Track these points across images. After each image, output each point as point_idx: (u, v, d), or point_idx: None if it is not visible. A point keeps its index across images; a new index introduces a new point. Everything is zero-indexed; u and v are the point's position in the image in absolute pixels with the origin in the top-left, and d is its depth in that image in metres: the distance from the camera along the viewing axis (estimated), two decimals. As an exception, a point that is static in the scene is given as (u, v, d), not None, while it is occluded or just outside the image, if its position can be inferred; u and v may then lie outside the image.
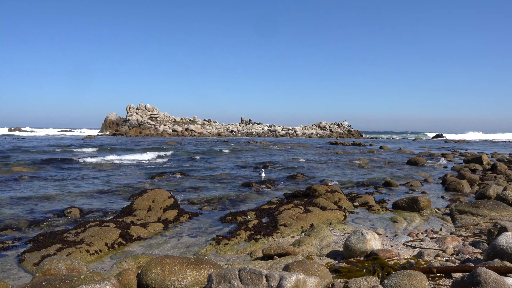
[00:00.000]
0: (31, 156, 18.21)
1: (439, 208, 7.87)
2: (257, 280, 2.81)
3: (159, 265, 3.35)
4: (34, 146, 25.67)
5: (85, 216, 7.03)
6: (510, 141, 56.85)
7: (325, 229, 6.16)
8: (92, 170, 13.54)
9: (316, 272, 3.36)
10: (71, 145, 27.13)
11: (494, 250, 3.56)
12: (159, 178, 11.84)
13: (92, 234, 5.55)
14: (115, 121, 66.81)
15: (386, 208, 7.86)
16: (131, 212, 7.05)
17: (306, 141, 46.67)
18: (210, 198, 8.82)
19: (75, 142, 33.55)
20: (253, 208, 7.80)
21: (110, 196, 8.87)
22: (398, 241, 5.37)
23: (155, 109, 69.34)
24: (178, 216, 7.04)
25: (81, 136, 48.43)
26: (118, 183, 10.73)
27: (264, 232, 5.97)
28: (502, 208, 6.97)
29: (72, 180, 10.98)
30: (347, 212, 7.40)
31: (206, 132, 63.98)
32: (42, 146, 25.62)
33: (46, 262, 4.06)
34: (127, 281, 3.39)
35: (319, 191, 8.63)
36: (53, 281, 3.20)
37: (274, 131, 68.91)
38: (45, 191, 9.12)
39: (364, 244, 4.43)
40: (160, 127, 63.65)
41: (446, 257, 4.36)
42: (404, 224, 6.66)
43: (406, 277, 3.03)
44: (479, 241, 4.92)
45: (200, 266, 3.40)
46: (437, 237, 5.46)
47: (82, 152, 21.70)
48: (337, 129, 74.20)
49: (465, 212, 7.01)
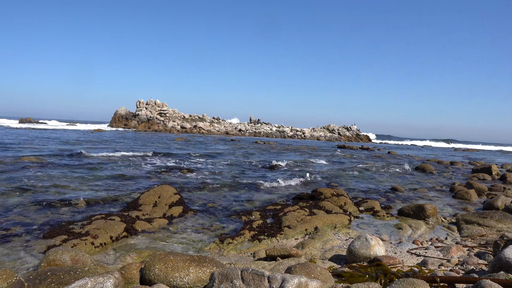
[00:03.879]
0: (46, 148, 18.37)
1: (446, 216, 7.81)
2: (259, 281, 2.81)
3: (162, 261, 3.37)
4: (54, 137, 25.91)
5: (91, 208, 7.09)
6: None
7: (329, 232, 6.15)
8: (101, 163, 13.64)
9: (319, 276, 3.35)
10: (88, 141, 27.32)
11: (500, 262, 3.52)
12: (166, 174, 11.89)
13: (98, 227, 5.59)
14: (125, 115, 67.17)
15: (392, 214, 7.82)
16: (137, 207, 7.10)
17: (314, 143, 46.55)
18: (216, 196, 8.84)
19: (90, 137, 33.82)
20: (258, 208, 7.81)
21: (117, 189, 8.93)
22: (402, 248, 5.34)
23: (164, 105, 69.60)
24: (183, 212, 7.07)
25: (89, 130, 48.67)
26: (126, 177, 10.80)
27: (268, 232, 5.97)
28: (510, 220, 6.90)
29: (80, 172, 11.07)
30: (352, 217, 7.37)
31: (214, 130, 64.08)
32: (55, 139, 25.85)
33: (52, 252, 4.10)
34: (130, 275, 3.41)
35: (325, 194, 8.60)
36: (58, 271, 3.23)
37: (282, 132, 68.79)
38: (53, 181, 9.21)
39: (368, 250, 4.42)
40: (169, 123, 63.88)
41: (450, 266, 4.32)
42: (409, 232, 6.61)
43: (409, 285, 3.01)
44: (485, 252, 4.87)
45: (203, 264, 3.41)
46: (442, 246, 5.42)
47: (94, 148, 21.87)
48: (346, 133, 73.85)
49: (472, 222, 6.94)
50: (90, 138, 29.31)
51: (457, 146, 68.82)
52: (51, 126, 56.77)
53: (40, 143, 21.48)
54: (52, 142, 22.54)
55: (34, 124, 60.21)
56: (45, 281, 3.09)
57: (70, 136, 31.50)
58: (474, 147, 71.56)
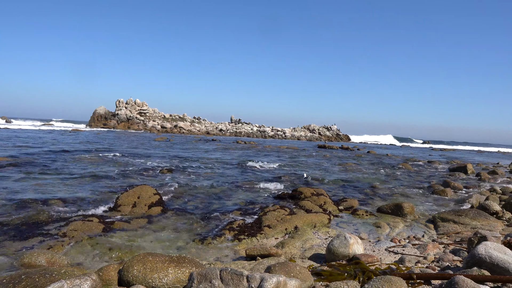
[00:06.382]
0: (27, 148, 17.94)
1: (423, 214, 7.97)
2: (238, 281, 2.82)
3: (141, 262, 3.33)
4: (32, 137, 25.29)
5: (69, 209, 6.94)
6: (495, 152, 57.76)
7: (309, 231, 6.20)
8: (80, 163, 13.40)
9: (298, 275, 3.38)
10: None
11: (473, 258, 3.62)
12: (145, 174, 11.77)
13: (75, 228, 5.49)
14: (104, 115, 66.09)
15: (371, 212, 7.93)
16: (116, 207, 7.01)
17: (295, 143, 46.80)
18: (196, 196, 8.79)
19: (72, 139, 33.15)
20: (239, 207, 7.80)
21: (95, 190, 8.78)
22: (380, 246, 5.42)
23: (144, 104, 68.82)
24: (163, 212, 7.01)
25: (67, 130, 47.60)
26: (105, 177, 10.63)
27: (248, 232, 5.97)
28: (484, 218, 7.09)
29: (57, 172, 10.84)
30: (332, 216, 7.44)
31: (195, 130, 63.72)
32: (35, 138, 25.25)
33: (27, 255, 4.01)
34: (108, 277, 3.37)
35: (305, 194, 8.66)
36: (33, 274, 3.16)
37: (263, 132, 68.93)
38: (29, 181, 8.99)
39: (347, 248, 4.47)
40: (149, 123, 63.22)
41: (426, 263, 4.41)
42: (387, 230, 6.72)
43: (386, 282, 3.07)
44: (460, 249, 4.99)
45: (182, 264, 3.39)
46: (419, 243, 5.52)
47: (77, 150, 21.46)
48: (326, 133, 74.53)
49: (448, 220, 7.11)
50: (66, 140, 28.75)
51: (434, 146, 70.21)
52: (22, 126, 51.24)
53: (10, 143, 20.96)
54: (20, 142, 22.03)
55: (7, 124, 58.54)
56: (20, 285, 3.02)
57: (45, 137, 30.82)
58: (450, 147, 73.17)
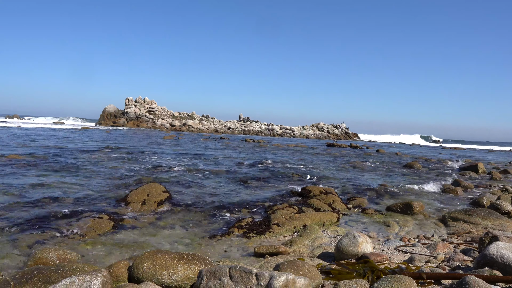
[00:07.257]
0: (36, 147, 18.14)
1: (433, 213, 7.91)
2: (247, 279, 2.83)
3: (151, 259, 3.36)
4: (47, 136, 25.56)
5: (79, 206, 7.02)
6: (507, 151, 57.04)
7: (317, 230, 6.19)
8: (89, 161, 13.52)
9: (307, 273, 3.38)
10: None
11: (485, 258, 3.59)
12: (155, 172, 11.83)
13: (86, 225, 5.55)
14: (113, 113, 66.59)
15: (380, 211, 7.89)
16: (126, 205, 7.07)
17: (303, 142, 46.71)
18: (204, 194, 8.82)
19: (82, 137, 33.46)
20: (247, 205, 7.82)
21: (105, 187, 8.86)
22: (389, 245, 5.40)
23: (153, 102, 69.20)
24: (172, 210, 7.05)
25: (76, 128, 47.90)
26: (114, 174, 10.72)
27: (257, 230, 5.98)
28: (495, 217, 7.01)
29: (67, 169, 10.96)
30: (341, 214, 7.42)
31: (203, 128, 63.92)
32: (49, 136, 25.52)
33: (38, 251, 4.06)
34: (118, 273, 3.40)
35: (314, 192, 8.65)
36: (45, 270, 3.20)
37: (271, 130, 68.89)
38: (41, 179, 9.10)
39: (356, 247, 4.46)
40: (158, 121, 63.55)
41: (436, 263, 4.38)
42: (397, 229, 6.68)
43: (396, 281, 3.05)
44: (470, 249, 4.95)
45: (191, 261, 3.41)
46: (428, 243, 5.48)
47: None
48: (335, 131, 74.26)
49: (458, 219, 7.04)
50: (76, 138, 29.01)
51: (444, 145, 69.59)
52: (36, 125, 51.46)
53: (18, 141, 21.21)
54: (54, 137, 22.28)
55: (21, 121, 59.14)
56: (32, 280, 3.06)
57: (53, 135, 31.14)
58: (461, 146, 72.44)
